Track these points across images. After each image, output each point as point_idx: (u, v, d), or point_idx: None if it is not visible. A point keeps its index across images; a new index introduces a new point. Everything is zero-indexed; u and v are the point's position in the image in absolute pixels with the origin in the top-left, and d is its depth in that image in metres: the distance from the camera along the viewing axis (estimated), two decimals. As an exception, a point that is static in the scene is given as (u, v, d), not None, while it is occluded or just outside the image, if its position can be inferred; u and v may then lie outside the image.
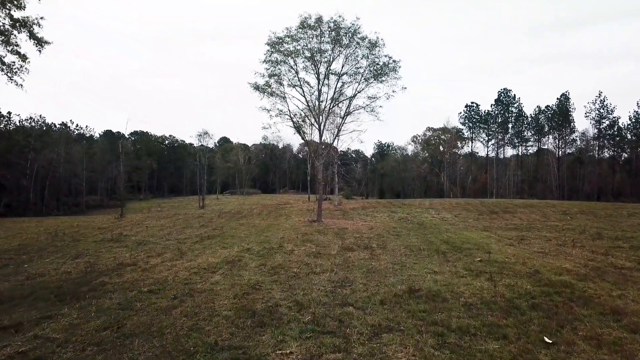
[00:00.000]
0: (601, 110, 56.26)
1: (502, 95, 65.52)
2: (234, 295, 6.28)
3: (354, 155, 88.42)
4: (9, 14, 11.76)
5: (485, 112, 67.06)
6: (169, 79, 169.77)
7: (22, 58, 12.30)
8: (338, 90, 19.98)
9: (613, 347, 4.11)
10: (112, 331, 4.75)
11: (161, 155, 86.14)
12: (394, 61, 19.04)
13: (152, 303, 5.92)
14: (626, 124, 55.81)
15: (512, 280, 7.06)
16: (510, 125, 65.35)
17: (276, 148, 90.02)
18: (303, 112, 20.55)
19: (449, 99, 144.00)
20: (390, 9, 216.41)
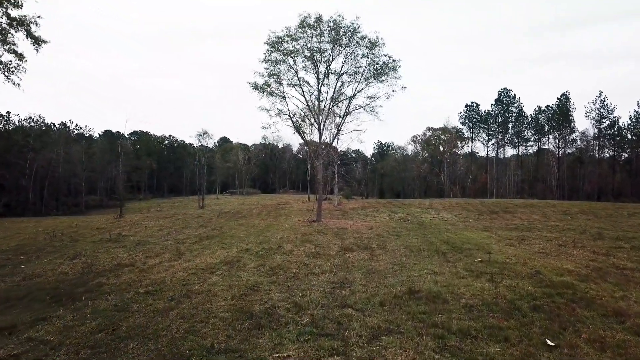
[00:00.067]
0: (601, 110, 56.16)
1: (502, 95, 65.41)
2: (232, 296, 6.21)
3: (354, 155, 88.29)
4: (6, 13, 11.67)
5: (485, 112, 66.95)
6: (169, 79, 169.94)
7: (19, 57, 12.19)
8: (338, 89, 19.90)
9: (617, 350, 4.03)
10: (107, 333, 4.67)
11: (161, 155, 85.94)
12: (394, 60, 18.96)
13: (149, 304, 5.85)
14: (626, 124, 55.73)
15: (513, 281, 6.98)
16: (510, 125, 65.23)
17: (276, 148, 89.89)
18: (303, 112, 20.46)
19: (449, 99, 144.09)
20: (390, 9, 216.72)
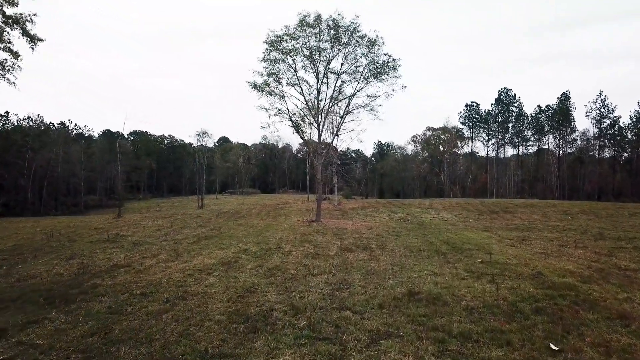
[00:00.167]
0: (602, 109, 56.06)
1: (503, 94, 65.32)
2: (228, 298, 6.09)
3: (354, 154, 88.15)
4: (1, 11, 11.53)
5: (485, 112, 66.87)
6: (169, 79, 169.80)
7: (15, 55, 12.07)
8: (337, 89, 19.80)
9: (623, 355, 3.91)
10: (99, 337, 4.55)
11: (160, 155, 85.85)
12: (394, 60, 18.84)
13: (143, 307, 5.73)
14: (627, 124, 55.70)
15: (515, 282, 6.86)
16: (510, 124, 65.15)
17: (275, 148, 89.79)
18: (302, 111, 20.33)
19: (449, 99, 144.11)
20: (390, 9, 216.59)
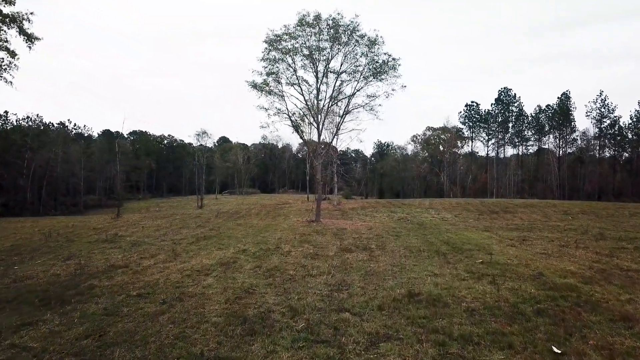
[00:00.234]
0: (602, 109, 55.98)
1: (503, 94, 65.22)
2: (226, 299, 6.02)
3: (354, 154, 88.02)
4: (-2, 9, 11.48)
5: (485, 112, 66.78)
6: (169, 79, 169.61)
7: (11, 54, 11.99)
8: (337, 88, 19.72)
9: (627, 358, 3.84)
10: (94, 339, 4.48)
11: (160, 155, 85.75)
12: (394, 59, 18.77)
13: (140, 308, 5.66)
14: (627, 123, 55.60)
15: (516, 283, 6.79)
16: (510, 124, 65.04)
17: (275, 148, 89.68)
18: (301, 111, 20.25)
19: (449, 99, 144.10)
20: (390, 9, 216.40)
